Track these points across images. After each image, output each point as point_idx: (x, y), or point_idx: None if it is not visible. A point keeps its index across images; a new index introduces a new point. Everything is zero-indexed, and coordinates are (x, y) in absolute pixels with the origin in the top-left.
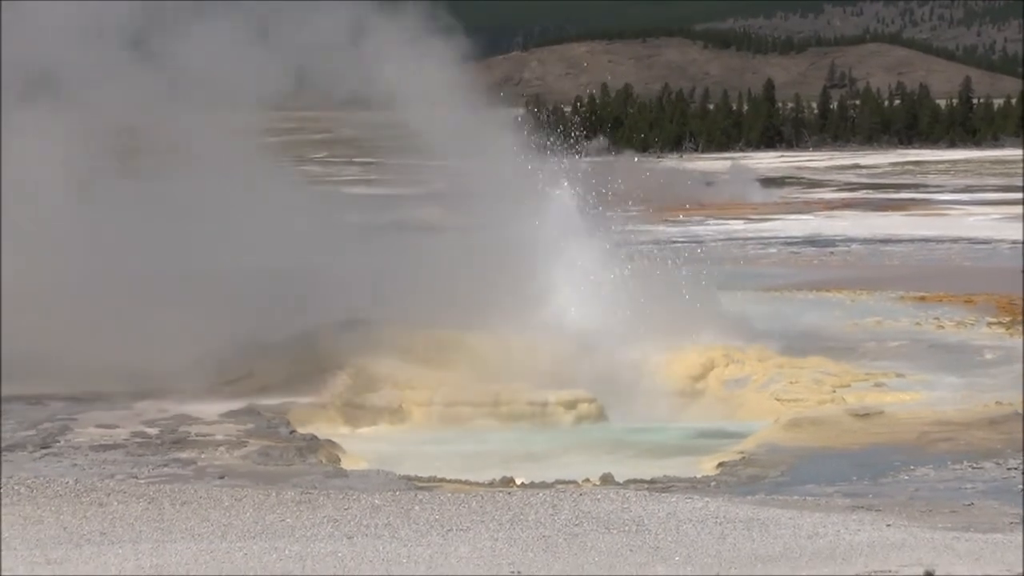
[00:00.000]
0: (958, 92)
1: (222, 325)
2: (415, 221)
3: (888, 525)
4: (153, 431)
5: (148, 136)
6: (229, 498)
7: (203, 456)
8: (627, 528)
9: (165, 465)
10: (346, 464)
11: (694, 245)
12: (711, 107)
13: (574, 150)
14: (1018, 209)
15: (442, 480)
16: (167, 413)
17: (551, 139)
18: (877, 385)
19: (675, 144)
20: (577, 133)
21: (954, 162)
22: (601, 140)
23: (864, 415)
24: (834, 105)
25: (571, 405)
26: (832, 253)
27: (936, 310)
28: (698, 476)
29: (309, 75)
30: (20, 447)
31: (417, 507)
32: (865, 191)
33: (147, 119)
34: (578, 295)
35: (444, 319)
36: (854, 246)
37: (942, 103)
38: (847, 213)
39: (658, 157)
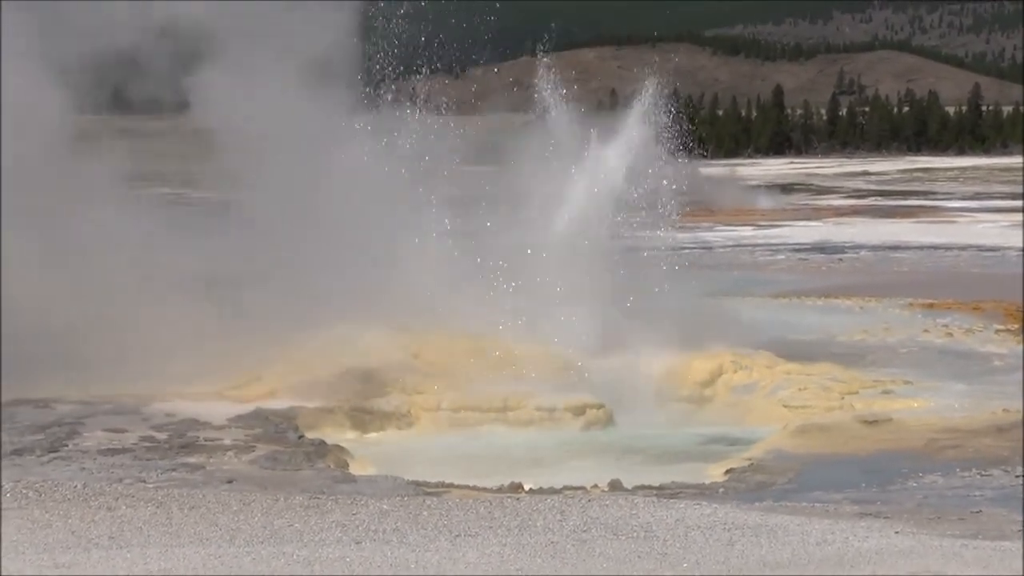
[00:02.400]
0: (967, 99)
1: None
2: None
3: (896, 532)
4: (161, 436)
5: None
6: (237, 503)
7: (211, 461)
8: (635, 534)
9: (173, 470)
10: (354, 469)
11: (702, 251)
12: (720, 113)
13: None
14: None
15: (450, 485)
16: (175, 418)
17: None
18: (885, 392)
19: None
20: None
21: (963, 169)
22: None
23: (872, 422)
24: (843, 112)
25: (579, 411)
26: (841, 260)
27: (944, 317)
28: (706, 482)
29: None
30: (28, 451)
31: (425, 512)
32: (874, 198)
33: None
34: (586, 300)
35: (451, 324)
36: (863, 253)
37: (951, 110)
38: (856, 220)
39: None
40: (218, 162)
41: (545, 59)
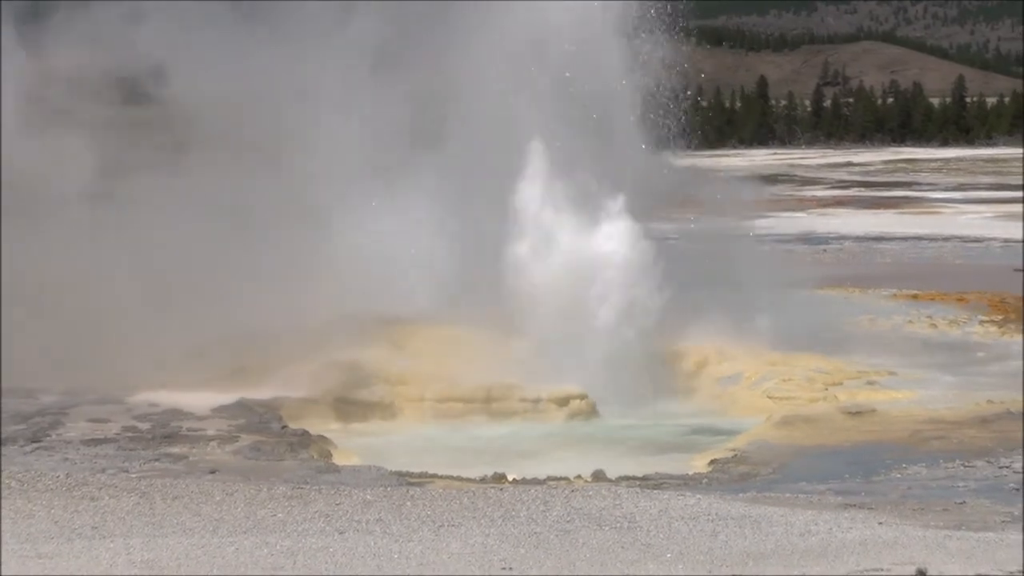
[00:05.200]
0: (951, 90)
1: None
2: None
3: (880, 523)
4: (144, 426)
5: None
6: (220, 493)
7: (194, 451)
8: (619, 525)
9: (156, 460)
10: (337, 459)
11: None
12: (704, 104)
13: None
14: (1011, 207)
15: (434, 476)
16: (158, 408)
17: None
18: (869, 383)
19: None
20: None
21: (947, 160)
22: None
23: (856, 413)
24: (827, 103)
25: (563, 401)
26: (825, 251)
27: (928, 308)
28: (690, 473)
29: None
30: (11, 441)
31: (408, 503)
32: (858, 189)
33: None
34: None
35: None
36: (847, 244)
37: (935, 101)
38: (840, 211)
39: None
40: None
41: None
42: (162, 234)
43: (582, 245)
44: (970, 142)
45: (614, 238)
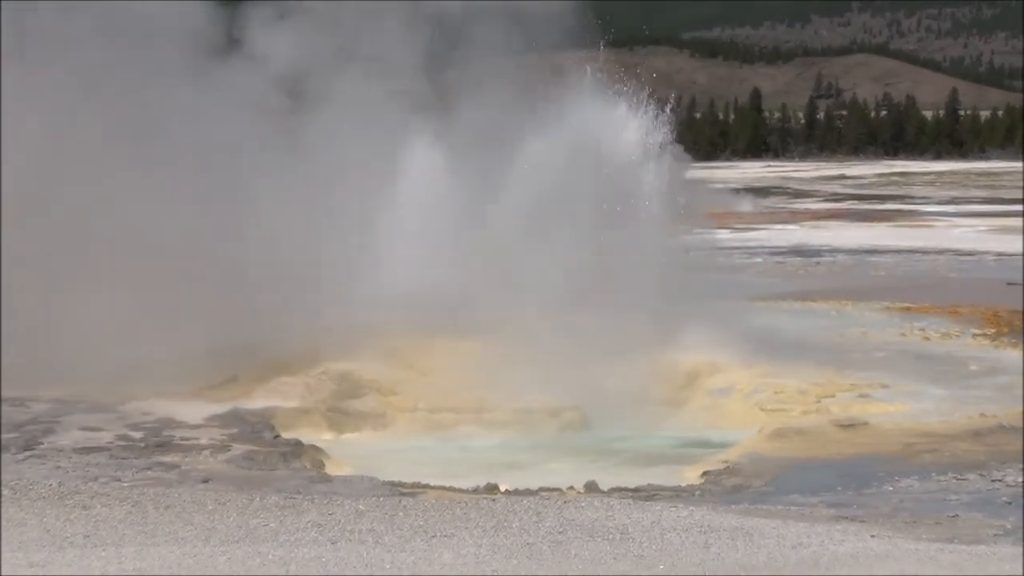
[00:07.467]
0: (945, 103)
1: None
2: None
3: (872, 536)
4: (137, 434)
5: None
6: (213, 502)
7: (187, 460)
8: (611, 536)
9: (149, 468)
10: (330, 469)
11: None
12: (697, 116)
13: None
14: (1004, 221)
15: (426, 486)
16: (151, 416)
17: None
18: (862, 396)
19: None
20: None
21: (940, 173)
22: None
23: (849, 426)
24: (821, 115)
25: (555, 412)
26: (818, 263)
27: (921, 321)
28: (682, 485)
29: None
30: (4, 449)
31: (401, 513)
32: (851, 202)
33: None
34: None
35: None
36: (840, 256)
37: (928, 114)
38: (833, 223)
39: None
40: None
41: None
42: None
43: None
44: (963, 155)
45: None
